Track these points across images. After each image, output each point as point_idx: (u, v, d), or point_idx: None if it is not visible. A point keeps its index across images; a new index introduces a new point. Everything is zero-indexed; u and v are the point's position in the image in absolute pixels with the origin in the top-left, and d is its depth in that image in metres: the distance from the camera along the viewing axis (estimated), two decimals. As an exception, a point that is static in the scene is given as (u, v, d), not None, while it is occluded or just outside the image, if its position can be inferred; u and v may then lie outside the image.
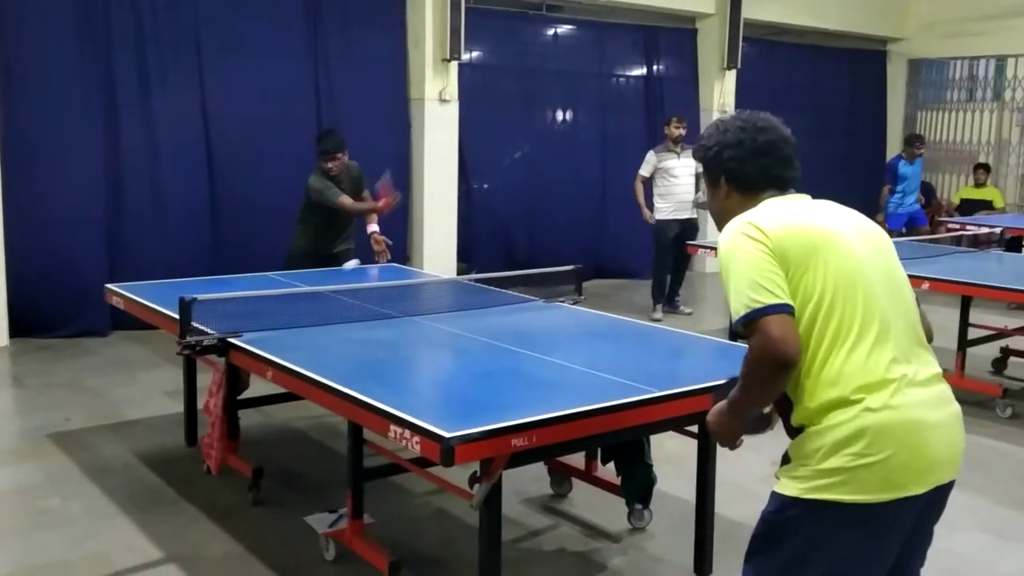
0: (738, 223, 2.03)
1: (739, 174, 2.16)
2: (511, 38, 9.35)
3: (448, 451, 2.35)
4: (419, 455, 2.57)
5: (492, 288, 4.61)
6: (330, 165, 5.61)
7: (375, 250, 5.85)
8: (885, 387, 1.90)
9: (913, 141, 10.49)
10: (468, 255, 8.89)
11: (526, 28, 9.52)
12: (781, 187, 2.17)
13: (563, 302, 4.41)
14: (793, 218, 2.04)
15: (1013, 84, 12.22)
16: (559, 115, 9.82)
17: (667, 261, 8.05)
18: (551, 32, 9.73)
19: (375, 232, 5.85)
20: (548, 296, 4.47)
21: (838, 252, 1.98)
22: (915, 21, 12.34)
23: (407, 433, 2.50)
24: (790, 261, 1.94)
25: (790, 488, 1.98)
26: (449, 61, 8.24)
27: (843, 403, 1.90)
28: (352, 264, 5.47)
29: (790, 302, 1.91)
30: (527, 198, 9.37)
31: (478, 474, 2.68)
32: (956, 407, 2.03)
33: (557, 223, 9.46)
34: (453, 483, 3.39)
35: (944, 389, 2.02)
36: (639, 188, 7.95)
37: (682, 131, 7.94)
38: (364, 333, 3.74)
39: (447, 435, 2.37)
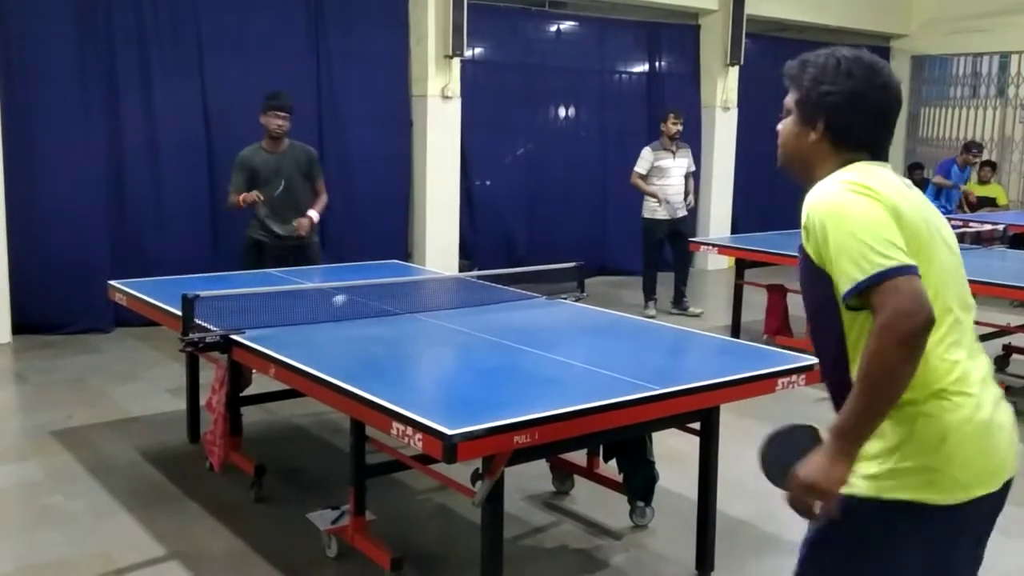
0: (841, 183, 1.81)
1: (844, 126, 1.91)
2: (513, 34, 9.35)
3: (451, 448, 2.36)
4: (421, 452, 2.57)
5: (494, 285, 4.61)
6: (278, 122, 5.54)
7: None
8: (971, 384, 1.81)
9: (971, 148, 10.38)
10: (470, 252, 8.90)
11: (528, 24, 9.51)
12: (876, 152, 1.95)
13: (565, 299, 4.41)
14: (903, 194, 1.85)
15: (1016, 81, 12.20)
16: (561, 112, 9.81)
17: (655, 260, 8.03)
18: (553, 29, 9.72)
19: (308, 218, 5.70)
20: (550, 293, 4.47)
21: (940, 249, 1.85)
22: (918, 18, 12.32)
23: (409, 430, 2.51)
24: (903, 236, 1.74)
25: (866, 487, 1.81)
26: (451, 58, 8.23)
27: (937, 396, 1.78)
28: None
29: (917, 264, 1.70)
30: (529, 195, 9.37)
31: (480, 471, 2.69)
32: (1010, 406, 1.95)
33: (559, 220, 9.46)
34: (455, 480, 3.39)
35: (999, 388, 1.95)
36: (641, 183, 7.88)
37: (679, 127, 7.89)
38: (366, 330, 3.74)
39: (449, 432, 2.38)
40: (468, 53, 8.44)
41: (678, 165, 7.89)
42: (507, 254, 8.83)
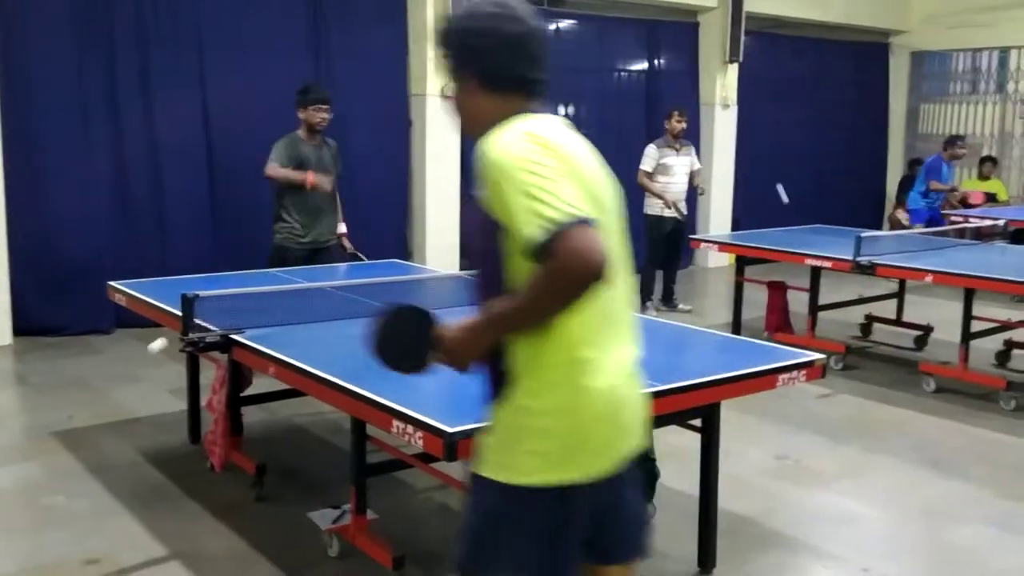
0: (515, 133, 1.77)
1: (489, 69, 1.88)
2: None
3: (451, 446, 2.35)
4: (422, 450, 2.57)
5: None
6: (322, 115, 5.54)
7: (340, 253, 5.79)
8: (605, 358, 1.83)
9: (955, 141, 10.16)
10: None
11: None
12: (531, 91, 1.91)
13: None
14: (577, 146, 1.86)
15: (1016, 76, 12.19)
16: (560, 110, 9.80)
17: (659, 257, 8.01)
18: (553, 27, 9.71)
19: (344, 234, 5.83)
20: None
21: (608, 208, 1.86)
22: (917, 13, 12.31)
23: (410, 429, 2.50)
24: (580, 190, 1.73)
25: (504, 472, 1.82)
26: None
27: (569, 366, 1.78)
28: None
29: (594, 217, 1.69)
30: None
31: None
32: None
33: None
34: (456, 478, 3.39)
35: (636, 360, 1.96)
36: (648, 182, 7.85)
37: (684, 125, 7.90)
38: (367, 329, 3.72)
39: (450, 430, 2.37)
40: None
41: (681, 163, 7.90)
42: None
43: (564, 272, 1.62)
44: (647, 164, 7.84)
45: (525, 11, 1.92)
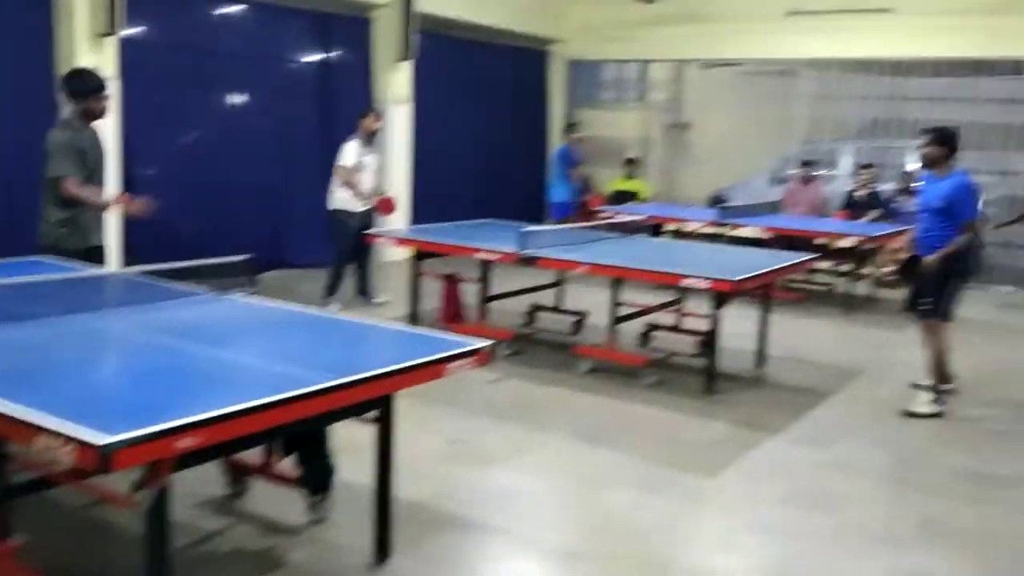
0: None
1: None
2: (179, 14, 8.83)
3: (104, 458, 2.20)
4: (74, 465, 2.37)
5: (157, 282, 4.34)
6: (104, 105, 5.12)
7: None
8: None
9: (573, 127, 11.36)
10: (132, 247, 8.28)
11: (195, 4, 9.03)
12: None
13: (235, 294, 4.27)
14: None
15: (655, 87, 13.67)
16: (231, 99, 9.44)
17: (349, 252, 8.06)
18: (222, 11, 9.32)
19: None
20: (219, 288, 4.30)
21: None
22: (572, 24, 13.36)
23: (58, 442, 2.30)
24: None
25: None
26: (106, 36, 7.60)
27: None
28: None
29: None
30: (198, 186, 8.92)
31: (143, 480, 2.54)
32: None
33: (232, 212, 9.11)
34: (114, 492, 3.16)
35: None
36: (352, 178, 7.88)
37: (380, 124, 8.16)
38: (6, 334, 3.36)
39: (102, 441, 2.22)
40: (127, 32, 7.84)
41: (372, 160, 8.09)
42: (174, 249, 8.22)
43: None
44: (349, 159, 7.89)
45: None
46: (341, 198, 7.98)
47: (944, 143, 5.68)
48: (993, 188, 10.84)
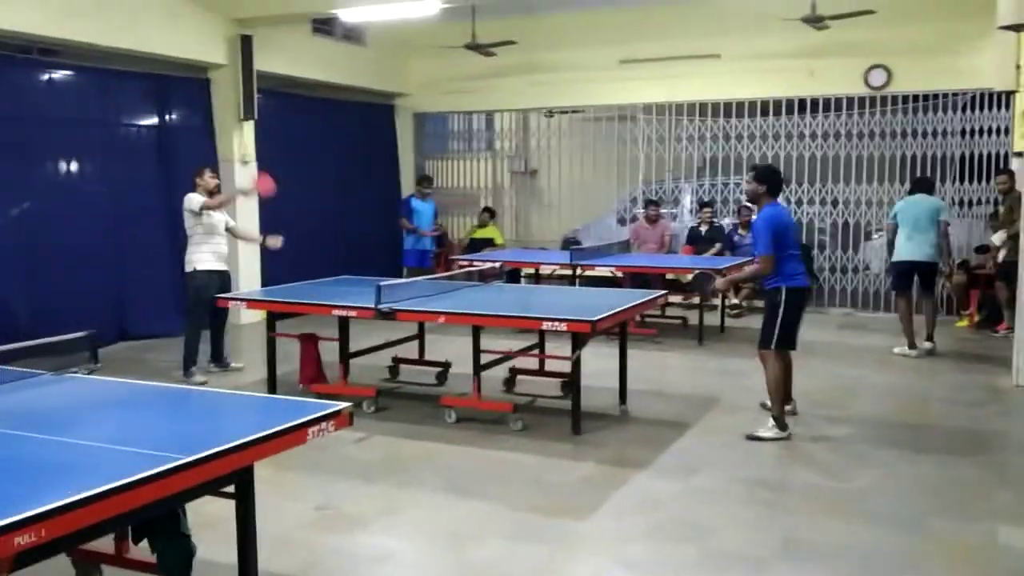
0: None
1: None
2: (1, 82, 8.37)
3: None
4: None
5: (-12, 366, 4.04)
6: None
7: None
8: None
9: (423, 180, 11.76)
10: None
11: (16, 72, 8.58)
12: None
13: (77, 373, 4.03)
14: None
15: (501, 136, 13.95)
16: (63, 167, 8.99)
17: (205, 318, 7.74)
18: (46, 77, 8.89)
19: None
20: (58, 368, 4.04)
21: None
22: (415, 79, 13.51)
23: None
24: None
25: None
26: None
27: None
28: None
29: None
30: (29, 259, 8.40)
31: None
32: None
33: (67, 285, 8.61)
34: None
35: None
36: (215, 200, 7.75)
37: (217, 181, 7.96)
38: None
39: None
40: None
41: (221, 218, 7.83)
42: (8, 329, 7.75)
43: None
44: (195, 205, 7.64)
45: None
46: (196, 258, 7.68)
47: (761, 180, 5.98)
48: (824, 217, 11.61)
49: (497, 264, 8.39)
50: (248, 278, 10.34)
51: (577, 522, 4.55)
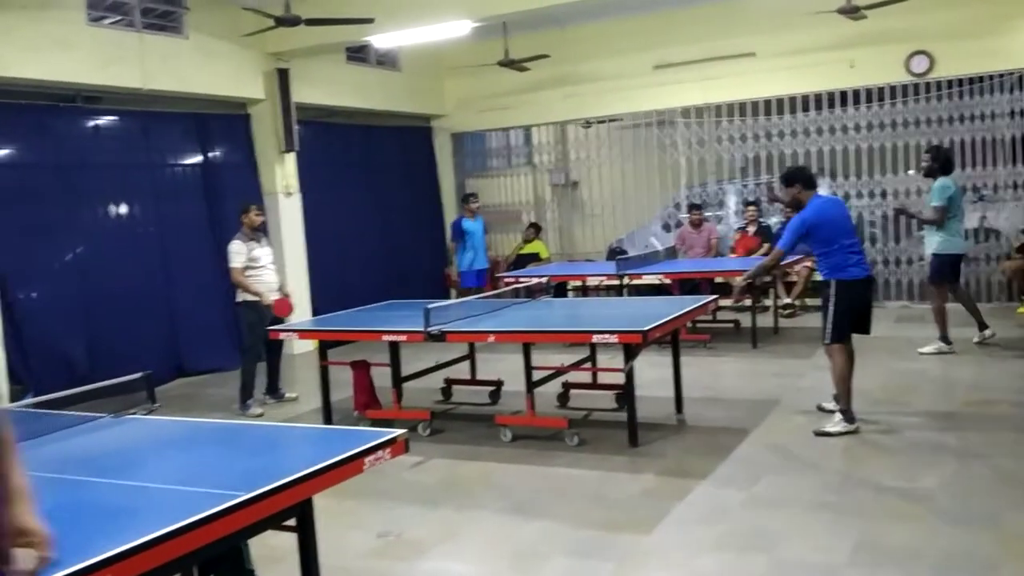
0: None
1: None
2: (43, 133, 8.57)
3: (1, 618, 2.03)
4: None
5: (48, 412, 4.12)
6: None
7: None
8: None
9: (468, 198, 11.61)
10: (20, 376, 7.89)
11: (59, 122, 8.80)
12: None
13: (135, 414, 4.08)
14: None
15: (540, 150, 13.95)
16: (112, 210, 9.18)
17: (260, 349, 7.81)
18: (91, 124, 9.11)
19: None
20: (118, 410, 4.10)
21: None
22: (451, 99, 13.58)
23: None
24: None
25: None
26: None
27: None
28: None
29: None
30: (85, 303, 8.59)
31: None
32: None
33: (123, 327, 8.78)
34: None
35: None
36: (243, 279, 7.70)
37: (263, 218, 8.02)
38: None
39: (-3, 600, 2.04)
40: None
41: (267, 252, 7.92)
42: (66, 373, 7.91)
43: None
44: (238, 261, 7.70)
45: None
46: (247, 297, 7.78)
47: (790, 182, 6.03)
48: (873, 209, 11.39)
49: (544, 279, 8.36)
50: (298, 308, 10.43)
51: (642, 536, 4.48)
